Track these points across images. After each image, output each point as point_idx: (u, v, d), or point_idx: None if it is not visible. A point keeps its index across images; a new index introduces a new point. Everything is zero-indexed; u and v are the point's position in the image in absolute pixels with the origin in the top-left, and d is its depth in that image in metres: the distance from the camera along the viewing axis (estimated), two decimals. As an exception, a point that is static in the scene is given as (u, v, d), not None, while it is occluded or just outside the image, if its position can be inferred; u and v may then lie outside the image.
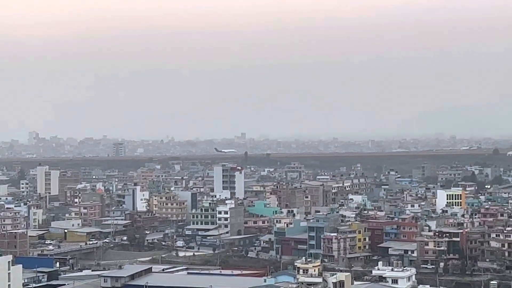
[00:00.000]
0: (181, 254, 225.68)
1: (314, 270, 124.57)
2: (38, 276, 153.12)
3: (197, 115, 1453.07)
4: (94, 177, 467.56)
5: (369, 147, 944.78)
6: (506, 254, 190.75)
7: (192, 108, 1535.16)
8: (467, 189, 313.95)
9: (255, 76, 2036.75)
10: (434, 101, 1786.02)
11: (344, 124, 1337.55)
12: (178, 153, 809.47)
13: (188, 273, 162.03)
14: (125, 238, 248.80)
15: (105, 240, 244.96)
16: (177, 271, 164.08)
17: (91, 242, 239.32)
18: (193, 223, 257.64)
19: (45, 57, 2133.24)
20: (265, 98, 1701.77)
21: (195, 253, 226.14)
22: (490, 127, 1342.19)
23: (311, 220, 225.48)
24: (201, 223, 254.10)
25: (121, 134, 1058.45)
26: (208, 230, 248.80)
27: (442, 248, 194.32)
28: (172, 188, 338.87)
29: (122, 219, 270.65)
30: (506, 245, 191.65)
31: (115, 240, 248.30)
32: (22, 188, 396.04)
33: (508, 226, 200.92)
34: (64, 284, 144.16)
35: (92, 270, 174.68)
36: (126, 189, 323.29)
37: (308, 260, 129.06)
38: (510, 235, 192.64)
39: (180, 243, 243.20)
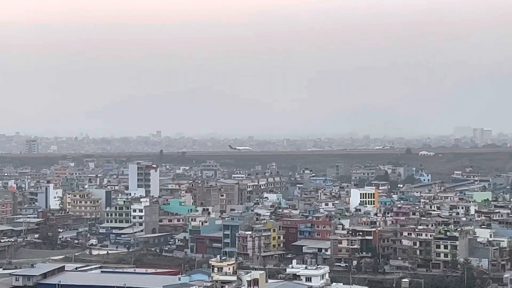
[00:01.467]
0: (94, 252, 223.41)
1: (229, 268, 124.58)
2: None
3: (112, 113, 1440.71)
4: (6, 174, 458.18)
5: (284, 146, 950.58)
6: (418, 252, 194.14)
7: (107, 105, 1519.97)
8: (380, 188, 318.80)
9: (171, 74, 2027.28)
10: (348, 101, 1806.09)
11: (259, 123, 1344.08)
12: (92, 151, 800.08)
13: (101, 271, 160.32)
14: (37, 236, 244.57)
15: (17, 238, 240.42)
16: (91, 269, 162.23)
17: (2, 241, 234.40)
18: (107, 221, 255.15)
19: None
20: (181, 96, 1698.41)
21: (109, 252, 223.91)
22: (403, 127, 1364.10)
23: (226, 219, 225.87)
24: (116, 221, 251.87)
25: (34, 131, 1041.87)
26: (122, 228, 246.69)
27: (355, 246, 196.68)
28: (86, 186, 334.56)
29: (34, 217, 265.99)
30: (417, 243, 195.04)
31: (27, 238, 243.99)
32: None
33: (420, 225, 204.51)
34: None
35: (4, 269, 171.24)
36: (39, 186, 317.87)
37: (223, 258, 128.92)
38: (421, 234, 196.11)
39: (93, 241, 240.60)
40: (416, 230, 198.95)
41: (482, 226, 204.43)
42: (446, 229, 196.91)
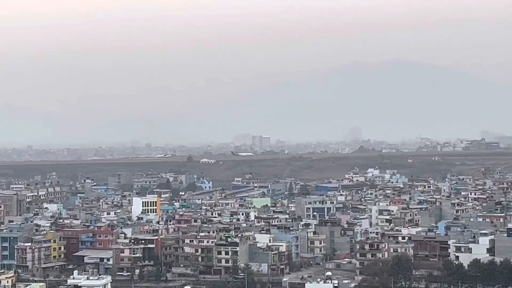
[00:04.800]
0: None
1: (8, 281, 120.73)
2: None
3: None
4: None
5: (64, 155, 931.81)
6: (200, 259, 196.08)
7: None
8: (162, 196, 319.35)
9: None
10: (130, 110, 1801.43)
11: (39, 132, 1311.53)
12: None
13: None
14: None
15: None
16: None
17: None
18: None
19: None
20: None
21: None
22: (184, 135, 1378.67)
23: (4, 231, 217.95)
24: None
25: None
26: None
27: (137, 255, 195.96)
28: None
29: None
30: (199, 250, 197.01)
31: None
32: None
33: (202, 232, 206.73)
34: None
35: None
36: None
37: (1, 271, 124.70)
38: (203, 241, 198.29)
39: None
40: (198, 237, 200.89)
41: (262, 232, 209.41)
42: (227, 235, 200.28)
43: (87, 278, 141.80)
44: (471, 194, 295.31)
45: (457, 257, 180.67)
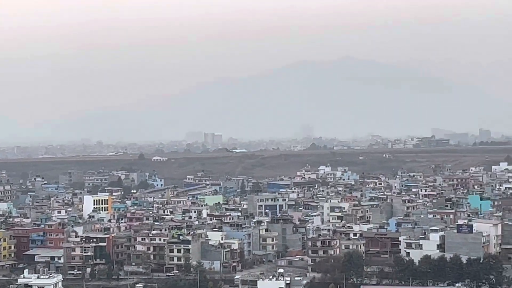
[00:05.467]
0: None
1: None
2: None
3: None
4: None
5: (14, 153, 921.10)
6: (152, 257, 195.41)
7: None
8: (114, 194, 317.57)
9: None
10: (81, 106, 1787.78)
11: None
12: None
13: None
14: None
15: None
16: None
17: None
18: None
19: None
20: None
21: None
22: (136, 132, 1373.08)
23: None
24: None
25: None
26: None
27: (89, 253, 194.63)
28: None
29: None
30: (151, 248, 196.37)
31: None
32: None
33: (153, 230, 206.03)
34: None
35: None
36: None
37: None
38: (155, 239, 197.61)
39: None
40: (150, 235, 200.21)
41: (214, 229, 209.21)
42: (179, 233, 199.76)
43: (38, 277, 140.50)
44: (421, 191, 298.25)
45: (408, 254, 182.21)
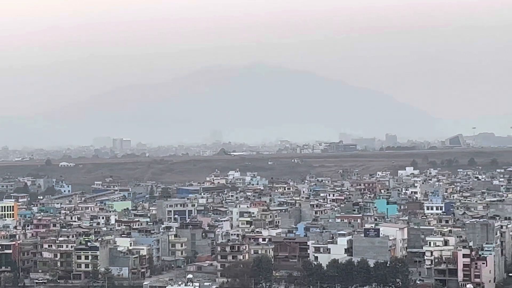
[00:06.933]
0: None
1: None
2: None
3: None
4: None
5: None
6: (59, 264, 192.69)
7: None
8: (20, 200, 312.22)
9: None
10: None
11: None
12: None
13: None
14: None
15: None
16: None
17: None
18: None
19: None
20: None
21: None
22: (43, 138, 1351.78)
23: None
24: None
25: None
26: None
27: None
28: None
29: None
30: (58, 255, 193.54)
31: None
32: None
33: (61, 236, 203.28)
34: None
35: None
36: None
37: None
38: (62, 245, 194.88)
39: None
40: (57, 242, 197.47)
41: (123, 235, 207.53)
42: (86, 239, 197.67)
43: None
44: (329, 196, 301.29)
45: (316, 258, 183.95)
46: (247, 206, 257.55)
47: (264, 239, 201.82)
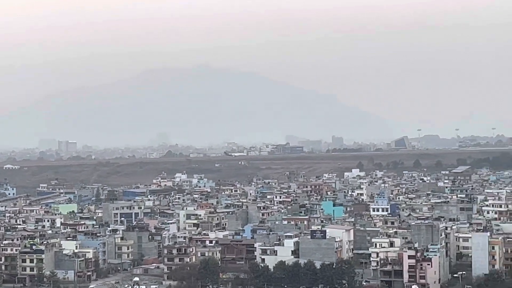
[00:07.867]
0: None
1: None
2: None
3: None
4: None
5: None
6: (3, 267, 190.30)
7: None
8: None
9: None
10: None
11: None
12: None
13: None
14: None
15: None
16: None
17: None
18: None
19: None
20: None
21: None
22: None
23: None
24: None
25: None
26: None
27: None
28: None
29: None
30: (2, 258, 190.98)
31: None
32: None
33: (5, 240, 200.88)
34: None
35: None
36: None
37: None
38: (6, 249, 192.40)
39: None
40: (1, 245, 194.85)
41: (68, 238, 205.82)
42: (31, 242, 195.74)
43: None
44: (276, 198, 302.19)
45: (263, 260, 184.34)
46: (194, 209, 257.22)
47: (211, 242, 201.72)
